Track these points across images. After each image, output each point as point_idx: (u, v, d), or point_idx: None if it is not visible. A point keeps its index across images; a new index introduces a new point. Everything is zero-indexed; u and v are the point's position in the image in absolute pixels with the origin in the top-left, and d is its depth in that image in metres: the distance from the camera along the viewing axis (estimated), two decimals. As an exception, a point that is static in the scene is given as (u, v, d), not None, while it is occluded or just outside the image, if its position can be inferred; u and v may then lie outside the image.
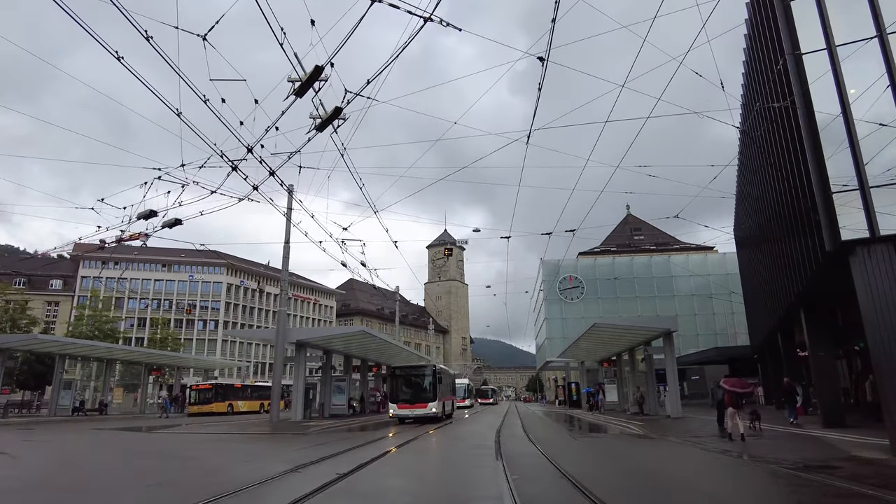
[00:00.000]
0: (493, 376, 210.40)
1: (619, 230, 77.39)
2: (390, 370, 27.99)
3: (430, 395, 25.19)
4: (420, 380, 26.16)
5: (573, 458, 11.49)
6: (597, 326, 26.35)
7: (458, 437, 17.33)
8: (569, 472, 8.65)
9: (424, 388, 25.63)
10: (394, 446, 13.66)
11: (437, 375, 25.89)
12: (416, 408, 24.93)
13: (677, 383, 25.35)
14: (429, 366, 27.52)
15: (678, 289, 50.63)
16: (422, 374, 26.44)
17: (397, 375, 26.67)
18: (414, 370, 27.34)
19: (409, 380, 26.39)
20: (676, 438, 15.30)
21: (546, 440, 15.89)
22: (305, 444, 14.54)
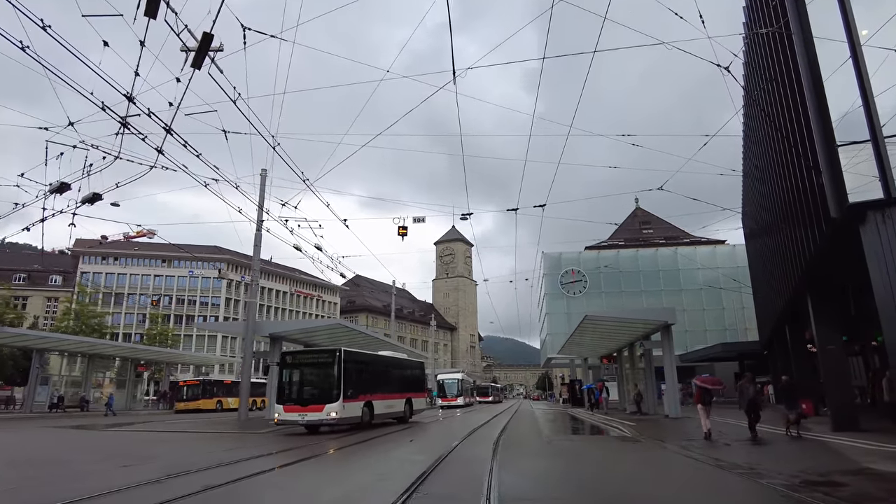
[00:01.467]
0: (503, 374, 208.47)
1: (627, 224, 75.08)
2: (281, 356, 20.12)
3: (329, 392, 17.35)
4: (317, 370, 18.33)
5: (529, 468, 9.64)
6: (589, 319, 24.36)
7: (398, 446, 15.49)
8: (504, 493, 6.81)
9: (323, 382, 17.74)
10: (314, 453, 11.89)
11: (344, 364, 17.76)
12: (309, 411, 17.08)
13: (676, 380, 23.32)
14: (331, 350, 18.72)
15: (686, 283, 48.31)
16: (320, 362, 18.52)
17: (287, 364, 18.79)
18: (310, 356, 19.69)
19: (302, 370, 18.59)
20: (665, 442, 13.39)
21: (517, 443, 14.07)
22: (240, 445, 12.87)
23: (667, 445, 12.65)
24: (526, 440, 14.88)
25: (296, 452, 11.66)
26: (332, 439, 14.97)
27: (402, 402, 22.43)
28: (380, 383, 20.91)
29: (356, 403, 18.29)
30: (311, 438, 15.53)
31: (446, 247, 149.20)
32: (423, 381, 26.48)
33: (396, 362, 24.60)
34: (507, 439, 14.87)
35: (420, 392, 25.67)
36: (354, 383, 18.31)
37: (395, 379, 22.98)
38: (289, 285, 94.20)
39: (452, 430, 19.02)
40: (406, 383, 23.82)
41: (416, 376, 25.61)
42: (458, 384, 47.45)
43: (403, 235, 17.16)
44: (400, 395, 22.48)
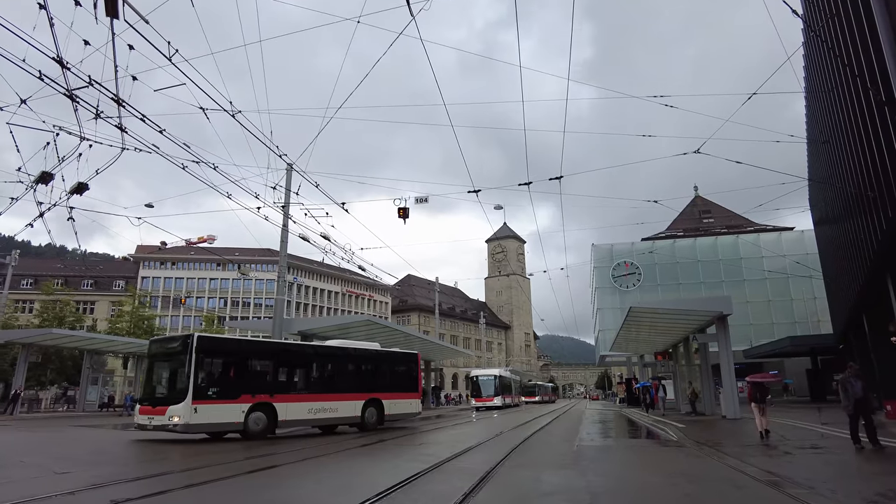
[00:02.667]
0: (561, 373, 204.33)
1: (686, 213, 71.20)
2: (148, 344, 16.56)
3: (176, 390, 13.83)
4: (168, 362, 14.67)
5: (527, 486, 8.07)
6: (635, 311, 22.28)
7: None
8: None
9: (172, 377, 14.36)
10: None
11: (202, 354, 13.96)
12: (157, 413, 13.61)
13: (734, 377, 20.90)
14: (183, 336, 14.79)
15: (749, 272, 44.67)
16: (171, 351, 14.79)
17: (150, 354, 15.41)
18: (163, 345, 15.62)
19: (158, 362, 14.99)
20: (713, 448, 11.46)
21: (539, 450, 12.51)
22: (227, 449, 11.84)
23: (713, 453, 10.73)
24: (551, 447, 13.22)
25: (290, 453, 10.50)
26: (244, 450, 13.75)
27: (355, 405, 17.44)
28: (300, 380, 16.64)
29: (230, 406, 14.08)
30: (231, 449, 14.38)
31: (498, 244, 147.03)
32: (412, 379, 20.56)
33: (344, 353, 18.74)
34: (530, 445, 13.27)
35: (407, 392, 19.90)
36: (225, 379, 14.43)
37: (344, 375, 18.08)
38: (340, 285, 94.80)
39: (459, 438, 15.23)
40: (371, 380, 18.71)
41: (396, 372, 20.13)
42: (494, 382, 42.28)
43: (404, 218, 15.75)
44: (354, 394, 17.57)
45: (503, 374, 46.27)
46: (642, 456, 11.16)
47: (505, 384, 45.52)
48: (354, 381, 18.21)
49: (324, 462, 10.12)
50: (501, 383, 43.56)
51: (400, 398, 19.47)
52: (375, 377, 19.07)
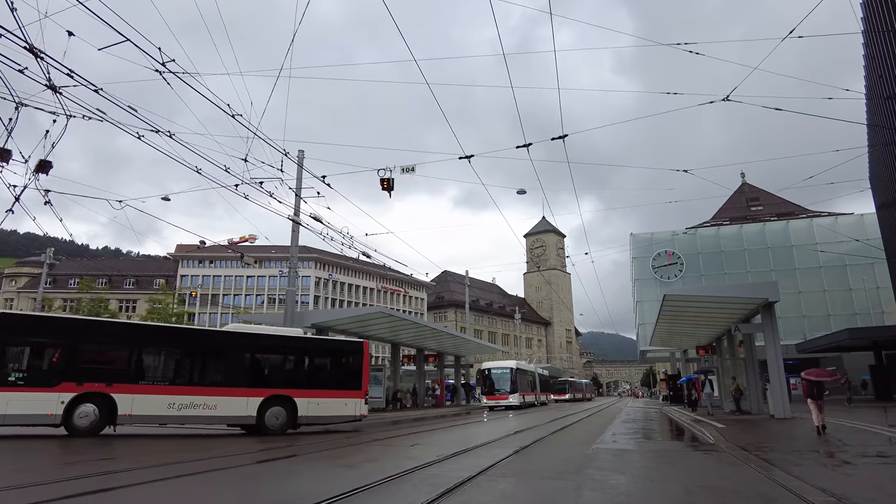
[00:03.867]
0: (604, 370, 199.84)
1: (733, 201, 67.49)
2: None
3: None
4: None
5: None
6: (670, 300, 20.25)
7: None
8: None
9: None
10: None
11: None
12: None
13: (782, 372, 18.62)
14: None
15: (801, 261, 41.37)
16: None
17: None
18: None
19: None
20: (754, 453, 9.60)
21: (548, 455, 10.90)
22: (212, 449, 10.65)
23: (752, 460, 8.86)
24: (561, 451, 11.54)
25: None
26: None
27: (247, 402, 14.35)
28: (157, 368, 14.03)
29: (42, 395, 12.08)
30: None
31: (536, 239, 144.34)
32: (351, 374, 16.42)
33: (229, 339, 15.62)
34: (537, 448, 11.63)
35: (340, 389, 15.99)
36: (38, 364, 12.55)
37: (231, 364, 14.98)
38: (375, 282, 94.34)
39: (457, 440, 12.95)
40: (278, 372, 15.65)
41: (324, 364, 16.60)
42: (510, 377, 35.37)
43: (389, 190, 14.20)
44: (246, 389, 14.50)
45: (522, 367, 39.39)
46: (664, 463, 9.38)
47: (524, 379, 39.31)
48: (247, 373, 15.05)
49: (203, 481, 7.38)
50: (519, 378, 36.80)
51: (327, 396, 15.64)
52: (286, 369, 15.86)
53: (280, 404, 14.80)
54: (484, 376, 36.66)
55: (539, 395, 44.35)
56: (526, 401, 37.94)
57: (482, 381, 37.25)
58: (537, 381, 44.62)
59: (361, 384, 16.42)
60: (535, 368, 46.74)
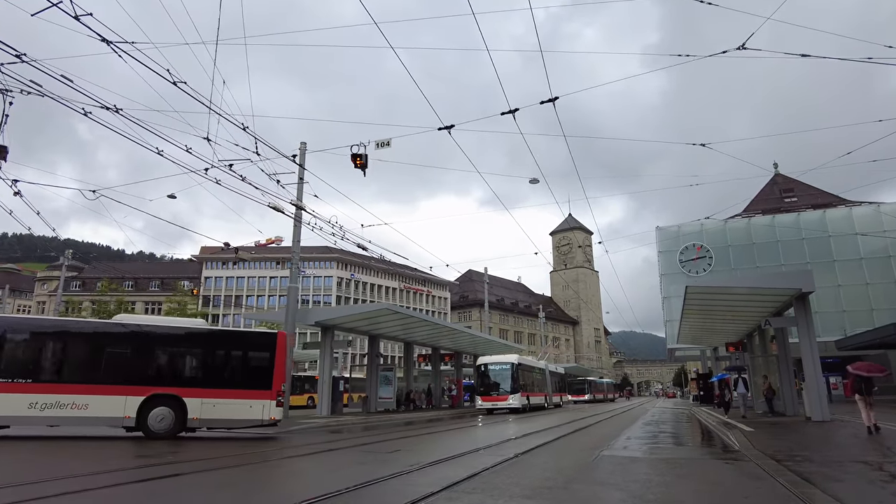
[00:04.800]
0: (635, 370, 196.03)
1: (765, 192, 64.65)
2: None
3: None
4: None
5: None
6: (692, 293, 18.66)
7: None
8: None
9: None
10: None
11: None
12: None
13: (819, 369, 16.86)
14: None
15: (840, 252, 38.79)
16: None
17: None
18: None
19: None
20: (784, 463, 8.15)
21: (529, 469, 9.58)
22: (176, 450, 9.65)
23: (781, 472, 7.41)
24: (560, 459, 10.21)
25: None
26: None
27: (126, 401, 12.83)
28: (13, 364, 12.86)
29: None
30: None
31: (563, 236, 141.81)
32: (258, 372, 14.22)
33: (106, 331, 14.30)
34: (533, 456, 10.33)
35: (243, 388, 13.87)
36: None
37: (108, 360, 13.59)
38: (398, 281, 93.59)
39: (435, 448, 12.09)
40: (165, 369, 13.94)
41: (224, 361, 14.66)
42: (510, 374, 29.79)
43: (362, 168, 12.96)
44: (124, 387, 12.95)
45: (526, 363, 33.92)
46: (674, 475, 7.97)
47: (529, 377, 33.76)
48: (126, 369, 13.50)
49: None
50: (522, 375, 31.27)
51: (226, 397, 13.61)
52: (175, 365, 14.20)
53: (166, 404, 13.14)
54: (479, 374, 30.90)
55: (551, 395, 39.38)
56: (532, 402, 32.70)
57: (477, 379, 31.61)
58: (548, 379, 39.79)
59: (272, 383, 13.97)
60: (546, 365, 41.15)
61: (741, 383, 22.80)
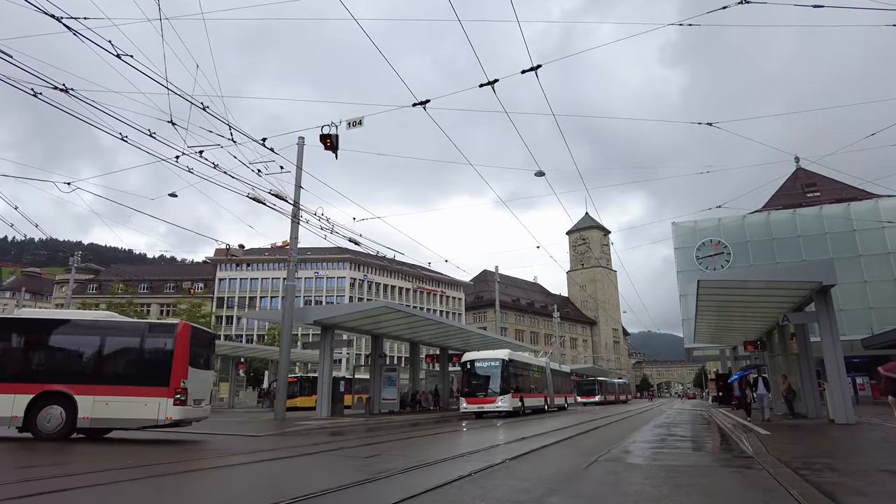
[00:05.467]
0: (655, 371, 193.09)
1: (787, 187, 62.78)
2: None
3: None
4: None
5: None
6: (705, 287, 17.52)
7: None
8: None
9: None
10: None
11: None
12: None
13: (842, 368, 15.66)
14: None
15: (865, 246, 37.06)
16: None
17: None
18: None
19: None
20: (801, 475, 7.16)
21: (507, 479, 8.69)
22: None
23: (797, 482, 6.43)
24: (550, 465, 9.29)
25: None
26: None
27: (13, 400, 11.96)
28: None
29: None
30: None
31: (579, 235, 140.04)
32: (155, 367, 12.79)
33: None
34: (521, 462, 9.43)
35: (143, 385, 12.50)
36: None
37: None
38: (411, 282, 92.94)
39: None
40: (54, 364, 12.85)
41: (117, 355, 13.17)
42: (500, 372, 25.91)
43: (332, 149, 12.07)
44: (12, 385, 12.09)
45: (519, 360, 29.46)
46: (671, 486, 7.01)
47: (524, 376, 29.53)
48: (14, 365, 12.60)
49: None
50: (514, 374, 27.22)
51: (120, 394, 12.35)
52: (67, 360, 13.00)
53: (58, 402, 12.08)
54: (464, 372, 27.10)
55: (552, 396, 35.36)
56: (528, 404, 28.89)
57: (462, 378, 27.92)
58: (549, 379, 35.36)
59: (169, 379, 12.49)
60: (547, 363, 37.23)
61: (761, 383, 19.77)
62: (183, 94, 10.04)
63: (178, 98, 10.91)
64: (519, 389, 27.62)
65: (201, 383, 13.61)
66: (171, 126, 11.47)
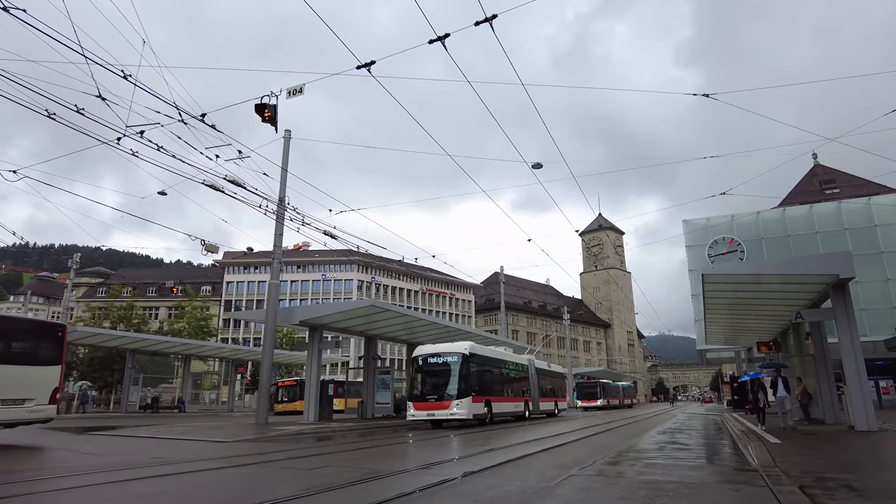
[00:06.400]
0: (671, 375, 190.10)
1: (803, 185, 60.79)
2: None
3: None
4: None
5: None
6: (711, 282, 16.18)
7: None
8: None
9: None
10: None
11: None
12: None
13: (863, 370, 14.20)
14: None
15: (888, 243, 35.21)
16: None
17: None
18: None
19: None
20: (809, 495, 5.91)
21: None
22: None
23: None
24: (516, 481, 8.05)
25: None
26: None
27: None
28: None
29: None
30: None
31: (593, 237, 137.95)
32: None
33: None
34: (494, 474, 8.24)
35: None
36: None
37: None
38: (420, 284, 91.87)
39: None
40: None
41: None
42: (458, 370, 20.45)
43: (271, 122, 10.88)
44: None
45: (485, 355, 23.61)
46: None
47: (493, 375, 23.83)
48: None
49: None
50: (476, 372, 21.45)
51: None
52: None
53: None
54: (414, 369, 21.65)
55: (536, 400, 29.44)
56: (497, 410, 22.88)
57: (412, 376, 22.34)
58: (534, 380, 29.69)
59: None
60: (531, 360, 30.90)
61: (781, 385, 16.79)
62: (104, 64, 9.02)
63: (119, 74, 9.90)
64: (485, 391, 22.04)
65: (23, 380, 12.12)
66: (125, 106, 10.47)
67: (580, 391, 53.62)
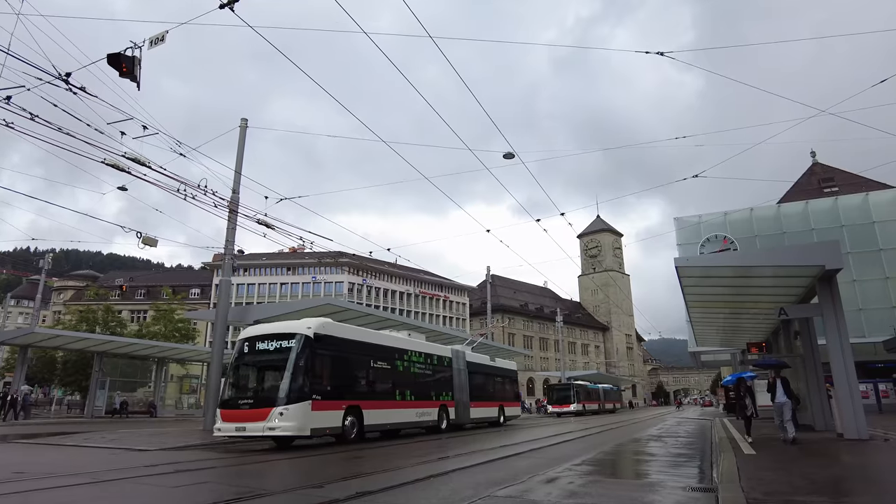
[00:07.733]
0: (672, 378, 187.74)
1: (802, 183, 59.39)
2: None
3: None
4: None
5: None
6: (684, 273, 14.69)
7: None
8: None
9: None
10: None
11: None
12: None
13: (851, 370, 12.71)
14: None
15: (886, 240, 33.75)
16: None
17: None
18: None
19: None
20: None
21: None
22: None
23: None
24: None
25: None
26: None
27: None
28: None
29: None
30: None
31: (591, 239, 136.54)
32: None
33: None
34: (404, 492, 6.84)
35: None
36: None
37: None
38: (414, 287, 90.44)
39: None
40: None
41: None
42: (293, 359, 13.42)
43: (130, 76, 9.18)
44: None
45: (347, 337, 15.87)
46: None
47: (362, 367, 16.30)
48: None
49: None
50: (328, 362, 14.44)
51: None
52: None
53: None
54: (235, 360, 14.54)
55: (465, 405, 22.11)
56: (374, 421, 15.83)
57: (228, 371, 14.99)
58: (460, 378, 22.21)
59: None
60: (455, 352, 22.82)
61: (779, 388, 13.56)
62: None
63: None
64: (349, 393, 15.10)
65: None
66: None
67: (551, 395, 48.93)
